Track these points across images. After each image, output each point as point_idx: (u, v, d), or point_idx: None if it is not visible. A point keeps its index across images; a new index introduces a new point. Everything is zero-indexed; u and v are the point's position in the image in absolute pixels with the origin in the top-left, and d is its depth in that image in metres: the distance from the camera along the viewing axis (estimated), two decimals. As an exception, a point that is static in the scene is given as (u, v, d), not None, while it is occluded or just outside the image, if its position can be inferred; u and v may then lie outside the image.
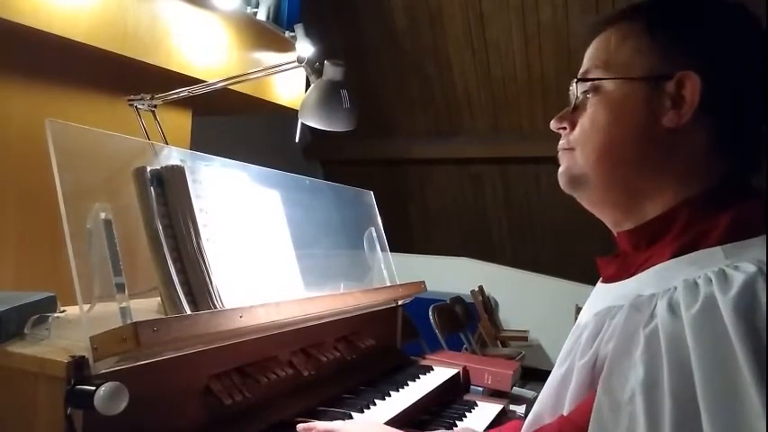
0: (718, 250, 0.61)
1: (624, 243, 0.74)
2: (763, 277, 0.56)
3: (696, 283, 0.59)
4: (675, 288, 0.60)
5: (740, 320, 0.53)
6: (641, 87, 0.70)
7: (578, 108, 0.75)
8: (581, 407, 0.67)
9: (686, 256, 0.63)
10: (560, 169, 0.77)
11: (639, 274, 0.68)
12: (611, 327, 0.65)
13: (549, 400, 0.74)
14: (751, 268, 0.57)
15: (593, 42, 0.76)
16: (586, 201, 0.76)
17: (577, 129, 0.74)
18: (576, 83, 0.75)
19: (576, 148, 0.74)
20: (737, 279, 0.56)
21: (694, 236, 0.64)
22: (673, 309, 0.59)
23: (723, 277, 0.58)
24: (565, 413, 0.71)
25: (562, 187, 0.77)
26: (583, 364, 0.68)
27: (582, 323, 0.73)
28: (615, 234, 0.76)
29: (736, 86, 0.68)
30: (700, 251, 0.63)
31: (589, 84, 0.73)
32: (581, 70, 0.76)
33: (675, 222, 0.67)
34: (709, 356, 0.54)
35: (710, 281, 0.58)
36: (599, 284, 0.76)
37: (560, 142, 0.77)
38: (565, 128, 0.77)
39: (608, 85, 0.72)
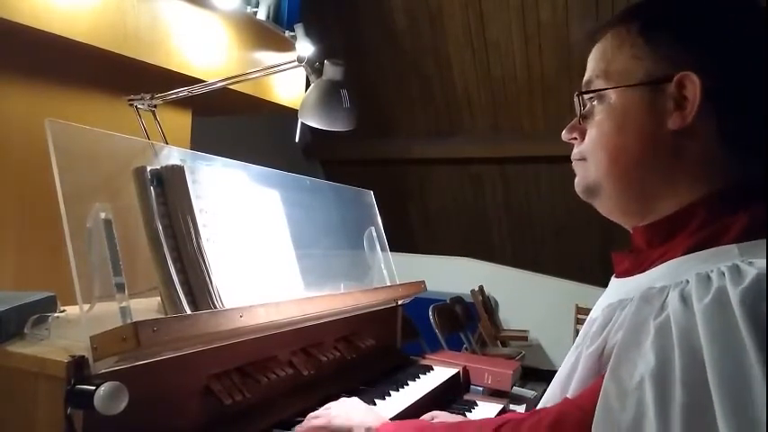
0: (733, 248, 0.62)
1: (639, 239, 0.75)
2: None
3: (709, 277, 0.59)
4: (687, 281, 0.61)
5: (748, 312, 0.54)
6: (642, 93, 0.70)
7: (586, 117, 0.76)
8: (586, 391, 0.68)
9: (701, 252, 0.64)
10: (576, 180, 0.78)
11: (652, 269, 0.68)
12: (620, 317, 0.66)
13: (558, 388, 0.75)
14: (765, 264, 0.57)
15: (593, 50, 0.77)
16: (602, 208, 0.77)
17: (587, 139, 0.76)
18: (579, 95, 0.76)
19: (588, 158, 0.76)
20: (750, 273, 0.57)
21: (710, 234, 0.65)
22: (685, 300, 0.59)
23: (736, 271, 0.58)
24: (569, 396, 0.71)
25: (579, 196, 0.79)
26: (591, 352, 0.68)
27: (594, 316, 0.73)
28: (631, 230, 0.77)
29: (738, 81, 0.67)
30: (715, 248, 0.63)
31: (593, 93, 0.74)
32: (584, 80, 0.77)
33: (691, 220, 0.68)
34: (720, 346, 0.54)
35: (723, 274, 0.58)
36: (613, 279, 0.77)
37: (573, 152, 0.78)
38: (576, 138, 0.78)
39: (610, 94, 0.72)
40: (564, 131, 0.79)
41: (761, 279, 0.56)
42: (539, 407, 0.79)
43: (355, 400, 1.08)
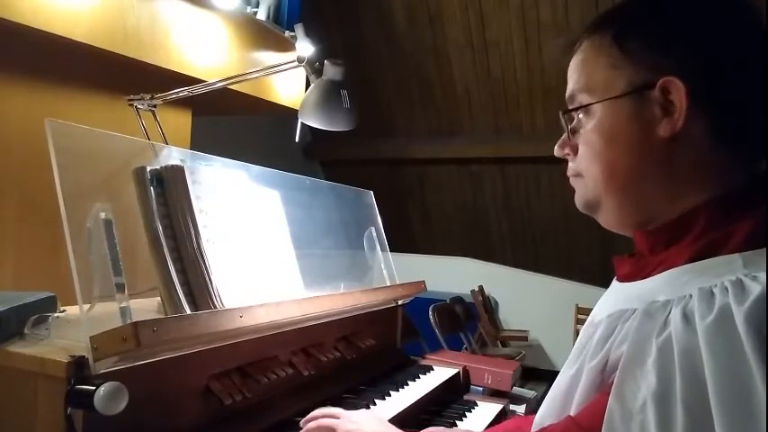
0: (736, 258, 0.60)
1: (641, 244, 0.73)
2: None
3: (712, 293, 0.58)
4: (690, 296, 0.59)
5: (753, 332, 0.53)
6: (626, 103, 0.68)
7: (575, 132, 0.74)
8: (587, 409, 0.67)
9: (704, 261, 0.62)
10: (575, 196, 0.77)
11: (654, 277, 0.66)
12: (623, 330, 0.64)
13: (557, 401, 0.73)
14: None
15: (572, 62, 0.75)
16: (604, 221, 0.76)
17: (579, 155, 0.74)
18: (564, 114, 0.74)
19: (584, 174, 0.74)
20: (754, 290, 0.55)
21: (712, 241, 0.63)
22: (687, 318, 0.58)
23: (740, 287, 0.56)
24: (572, 414, 0.70)
25: (581, 211, 0.77)
26: (593, 366, 0.67)
27: (595, 321, 0.72)
28: (632, 235, 0.75)
29: (721, 80, 0.65)
30: (718, 257, 0.61)
31: (577, 109, 0.73)
32: (566, 95, 0.75)
33: (693, 226, 0.65)
34: (723, 367, 0.53)
35: (727, 291, 0.57)
36: (614, 282, 0.76)
37: (568, 168, 0.77)
38: (569, 154, 0.76)
39: (595, 108, 0.71)
40: (556, 148, 0.77)
41: (764, 296, 0.54)
42: (536, 419, 0.77)
43: (364, 411, 1.07)
